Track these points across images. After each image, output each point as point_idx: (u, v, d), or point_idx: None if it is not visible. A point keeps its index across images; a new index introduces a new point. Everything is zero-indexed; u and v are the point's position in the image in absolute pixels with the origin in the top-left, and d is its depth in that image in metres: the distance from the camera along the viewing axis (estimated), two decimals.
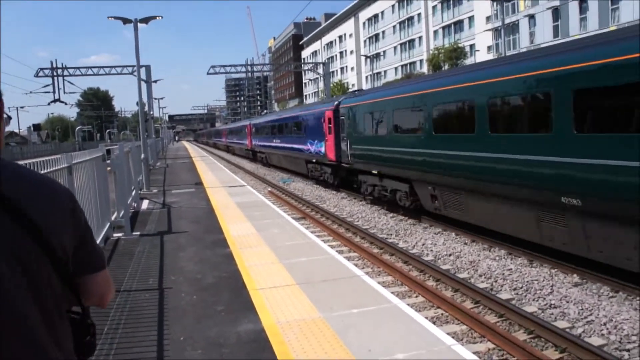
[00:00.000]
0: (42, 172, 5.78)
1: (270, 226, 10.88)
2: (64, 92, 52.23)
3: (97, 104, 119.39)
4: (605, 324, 6.97)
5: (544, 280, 8.80)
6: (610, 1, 40.57)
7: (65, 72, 41.46)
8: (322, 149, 22.33)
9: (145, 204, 15.43)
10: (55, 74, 41.28)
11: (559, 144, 8.54)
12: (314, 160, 24.44)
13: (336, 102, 20.96)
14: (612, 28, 36.20)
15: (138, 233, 10.84)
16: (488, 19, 58.17)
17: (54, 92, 41.65)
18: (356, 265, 8.93)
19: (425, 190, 13.76)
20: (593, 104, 8.28)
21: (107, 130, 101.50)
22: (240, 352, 4.73)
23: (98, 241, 8.87)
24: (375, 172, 16.74)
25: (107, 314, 5.86)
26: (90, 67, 40.28)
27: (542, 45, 37.09)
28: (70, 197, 1.61)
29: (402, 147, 14.51)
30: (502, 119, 10.56)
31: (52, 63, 41.24)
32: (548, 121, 8.89)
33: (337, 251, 9.26)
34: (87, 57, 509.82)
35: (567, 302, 7.83)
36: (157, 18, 21.53)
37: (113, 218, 11.06)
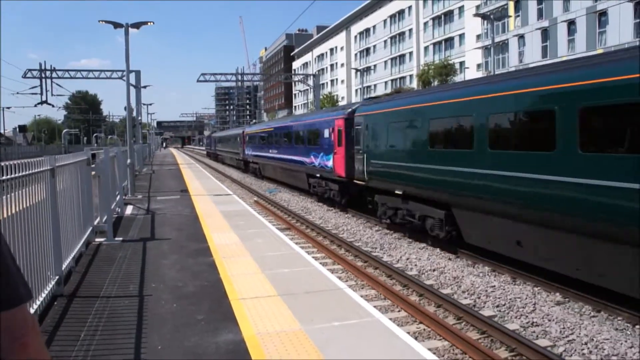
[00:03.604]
0: (24, 173, 5.69)
1: (254, 236, 10.80)
2: (52, 95, 52.00)
3: (85, 107, 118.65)
4: (586, 343, 6.98)
5: (526, 298, 8.82)
6: (597, 24, 41.24)
7: (54, 75, 41.18)
8: (329, 163, 19.99)
9: (129, 210, 15.27)
10: (43, 75, 40.98)
11: None
12: (317, 175, 21.99)
13: (349, 110, 18.68)
14: (599, 51, 36.80)
15: (120, 239, 10.71)
16: (478, 37, 58.89)
17: (41, 93, 41.35)
18: (339, 277, 8.88)
19: (469, 219, 11.47)
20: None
21: (94, 134, 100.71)
22: None
23: (78, 246, 8.74)
24: (399, 192, 14.31)
25: (84, 320, 5.75)
26: (79, 70, 40.07)
27: (531, 65, 37.59)
28: None
29: (442, 164, 12.01)
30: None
31: (40, 65, 40.83)
32: None
33: (320, 263, 9.21)
34: (78, 61, 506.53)
35: (549, 320, 7.84)
36: (149, 24, 21.48)
37: (96, 223, 10.92)
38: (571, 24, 43.90)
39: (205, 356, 4.78)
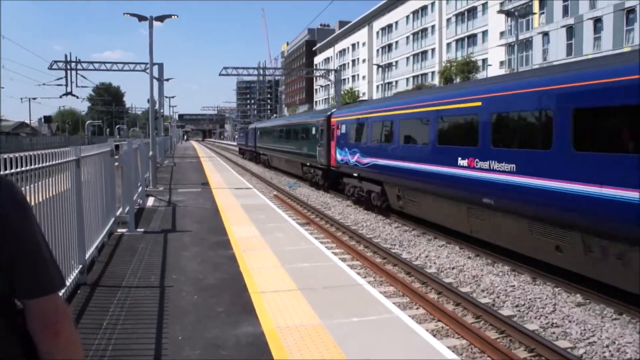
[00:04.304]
0: (51, 163, 5.79)
1: (274, 230, 10.86)
2: (77, 86, 52.61)
3: (108, 99, 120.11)
4: (607, 346, 6.89)
5: (546, 299, 8.73)
6: (625, 22, 40.47)
7: (79, 66, 41.71)
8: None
9: (150, 201, 15.45)
10: (68, 67, 41.52)
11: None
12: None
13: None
14: (627, 49, 36.11)
15: (142, 230, 10.85)
16: (502, 34, 58.18)
17: (66, 85, 41.89)
18: (359, 273, 8.88)
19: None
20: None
21: (117, 126, 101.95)
22: (238, 355, 4.70)
23: (101, 236, 8.88)
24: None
25: (106, 309, 5.86)
26: (104, 62, 40.67)
27: (555, 63, 37.04)
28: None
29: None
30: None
31: (66, 56, 41.36)
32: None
33: (340, 258, 9.21)
34: (101, 53, 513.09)
35: (570, 321, 7.75)
36: (173, 17, 21.63)
37: (118, 213, 11.07)
38: (597, 21, 43.12)
39: (225, 348, 4.83)
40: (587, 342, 7.07)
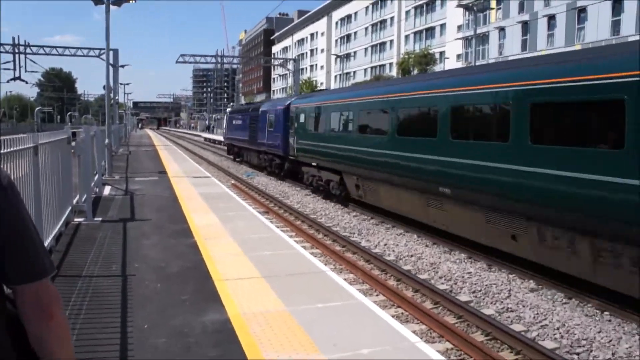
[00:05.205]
0: (8, 150, 5.63)
1: (234, 218, 10.84)
2: (25, 71, 50.48)
3: (59, 85, 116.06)
4: (558, 329, 7.23)
5: (501, 285, 9.05)
6: (577, 20, 41.82)
7: (28, 50, 40.22)
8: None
9: (107, 190, 15.14)
10: (17, 50, 40.01)
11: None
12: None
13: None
14: (577, 47, 37.35)
15: (100, 219, 10.65)
16: (459, 27, 59.17)
17: (14, 69, 40.45)
18: (320, 261, 8.98)
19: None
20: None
21: (69, 113, 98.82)
22: (206, 341, 4.72)
23: (58, 225, 8.68)
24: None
25: (67, 299, 5.75)
26: (55, 47, 39.03)
27: (510, 57, 37.98)
28: None
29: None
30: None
31: (13, 39, 39.86)
32: None
33: (302, 247, 9.29)
34: (51, 37, 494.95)
35: (523, 306, 8.07)
36: (130, 1, 21.11)
37: (74, 202, 10.82)
38: (551, 18, 44.45)
39: (191, 335, 4.84)
40: (539, 325, 7.39)
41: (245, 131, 32.02)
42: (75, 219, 10.44)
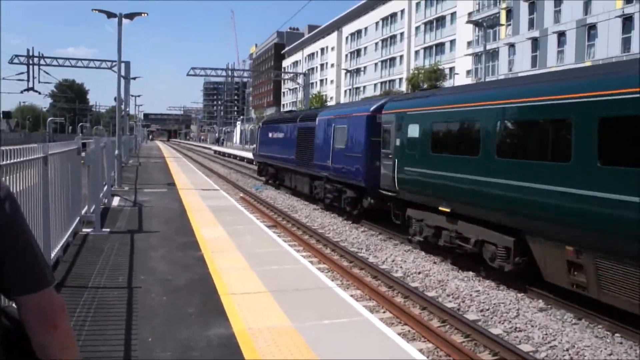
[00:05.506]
0: (18, 160, 5.65)
1: (242, 232, 10.82)
2: (39, 82, 51.09)
3: (71, 96, 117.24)
4: (567, 350, 7.12)
5: (510, 304, 8.95)
6: (587, 37, 41.80)
7: (42, 61, 40.74)
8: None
9: (116, 201, 15.19)
10: (31, 62, 40.52)
11: None
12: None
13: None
14: (588, 63, 37.29)
15: (108, 230, 10.66)
16: (469, 43, 59.33)
17: (28, 80, 40.92)
18: (327, 277, 8.93)
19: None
20: None
21: (80, 124, 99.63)
22: (210, 356, 4.68)
23: (66, 235, 8.70)
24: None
25: (72, 310, 5.73)
26: (68, 59, 39.67)
27: (520, 74, 37.94)
28: None
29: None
30: None
31: (28, 51, 40.38)
32: None
33: (308, 261, 9.25)
34: (64, 49, 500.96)
35: (532, 326, 7.97)
36: (143, 15, 21.37)
37: (83, 212, 10.85)
38: (561, 35, 44.45)
39: (196, 349, 4.81)
40: (549, 346, 7.28)
41: (288, 148, 24.35)
42: (84, 230, 10.46)
